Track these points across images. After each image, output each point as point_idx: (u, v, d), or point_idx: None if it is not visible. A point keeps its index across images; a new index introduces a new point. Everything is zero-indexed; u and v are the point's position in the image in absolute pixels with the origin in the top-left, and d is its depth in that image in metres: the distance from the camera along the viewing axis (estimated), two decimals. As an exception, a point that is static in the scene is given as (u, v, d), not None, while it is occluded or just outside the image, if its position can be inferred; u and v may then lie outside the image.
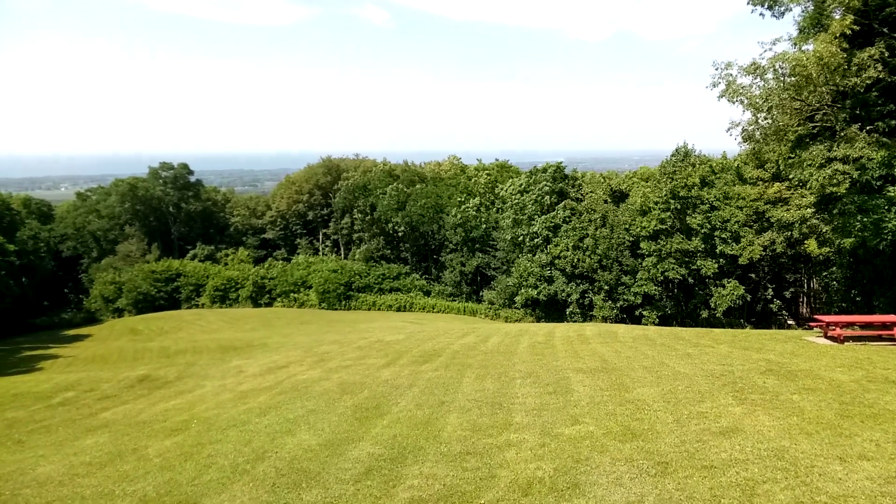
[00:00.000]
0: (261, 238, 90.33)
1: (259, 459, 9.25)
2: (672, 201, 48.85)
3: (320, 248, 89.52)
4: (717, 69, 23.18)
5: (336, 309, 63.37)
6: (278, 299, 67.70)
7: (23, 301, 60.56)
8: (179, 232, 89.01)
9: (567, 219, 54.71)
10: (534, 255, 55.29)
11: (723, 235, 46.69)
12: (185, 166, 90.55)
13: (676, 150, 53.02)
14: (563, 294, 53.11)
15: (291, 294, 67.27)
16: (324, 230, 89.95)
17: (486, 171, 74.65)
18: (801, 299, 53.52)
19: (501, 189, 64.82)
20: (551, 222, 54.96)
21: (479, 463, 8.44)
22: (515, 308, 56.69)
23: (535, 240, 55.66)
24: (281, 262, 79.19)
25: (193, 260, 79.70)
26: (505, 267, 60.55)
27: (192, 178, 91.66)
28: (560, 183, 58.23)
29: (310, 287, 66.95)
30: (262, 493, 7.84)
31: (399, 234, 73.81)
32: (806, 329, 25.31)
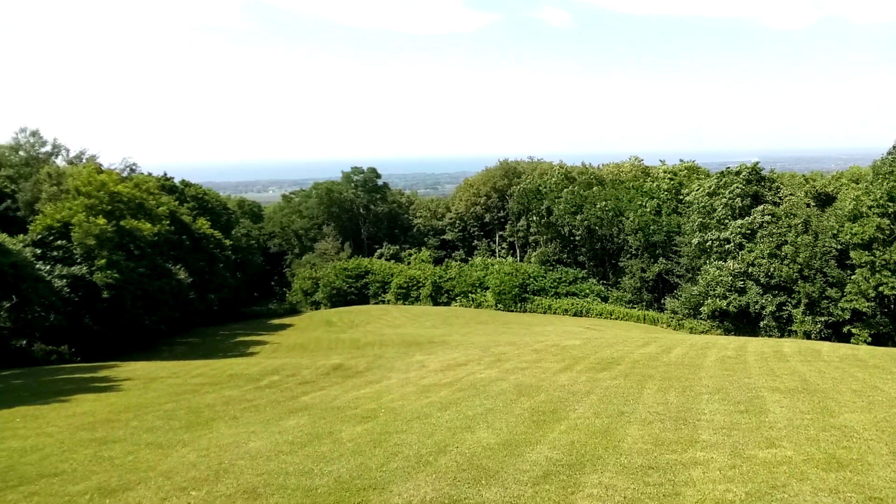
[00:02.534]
0: (441, 239, 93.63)
1: (441, 452, 9.65)
2: (890, 205, 43.14)
3: (497, 250, 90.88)
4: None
5: (511, 311, 64.02)
6: (456, 299, 69.84)
7: (237, 292, 68.46)
8: (368, 232, 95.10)
9: (763, 224, 50.45)
10: (724, 263, 51.70)
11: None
12: (373, 170, 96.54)
13: (894, 147, 46.79)
14: (756, 306, 49.09)
15: (469, 294, 69.06)
16: (500, 232, 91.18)
17: (672, 173, 71.18)
18: None
19: (687, 192, 61.44)
20: (747, 228, 50.99)
21: (661, 479, 8.13)
22: (701, 319, 53.44)
23: (727, 245, 52.01)
24: (459, 262, 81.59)
25: (380, 258, 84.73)
26: (690, 274, 57.29)
27: (380, 182, 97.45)
28: (755, 185, 53.88)
29: (486, 288, 68.29)
30: (444, 486, 8.17)
31: (576, 237, 72.78)
32: None
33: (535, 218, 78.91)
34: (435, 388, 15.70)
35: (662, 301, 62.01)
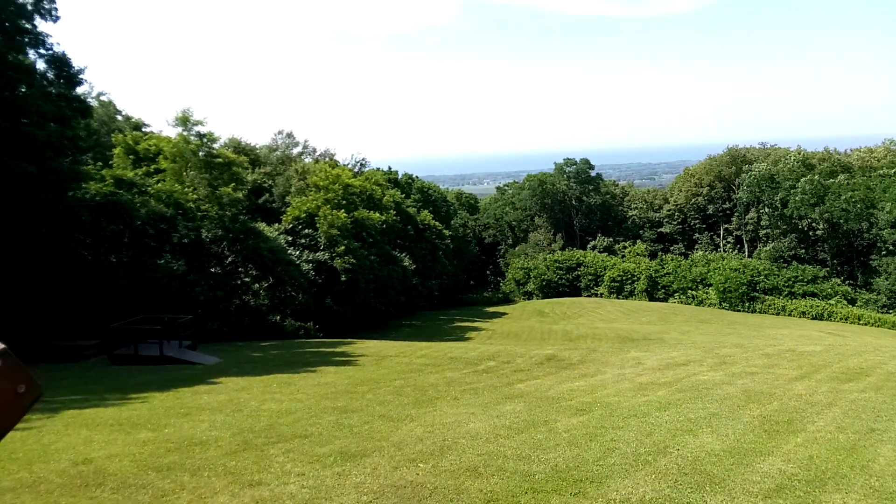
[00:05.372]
0: (657, 232, 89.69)
1: (660, 453, 9.37)
2: None
3: (721, 245, 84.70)
4: None
5: (738, 310, 59.30)
6: (675, 295, 66.43)
7: (455, 279, 71.99)
8: (581, 223, 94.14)
9: None
10: None
11: None
12: (586, 161, 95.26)
13: None
14: None
15: (689, 291, 65.31)
16: (725, 225, 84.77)
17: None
18: None
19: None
20: None
21: (924, 509, 7.14)
22: (978, 328, 45.07)
23: None
24: (677, 257, 77.55)
25: (593, 251, 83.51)
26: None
27: (593, 173, 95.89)
28: None
29: (709, 285, 64.00)
30: (665, 487, 7.95)
31: (816, 232, 65.13)
32: None
33: (766, 210, 72.04)
34: (652, 386, 15.21)
35: (927, 307, 53.34)
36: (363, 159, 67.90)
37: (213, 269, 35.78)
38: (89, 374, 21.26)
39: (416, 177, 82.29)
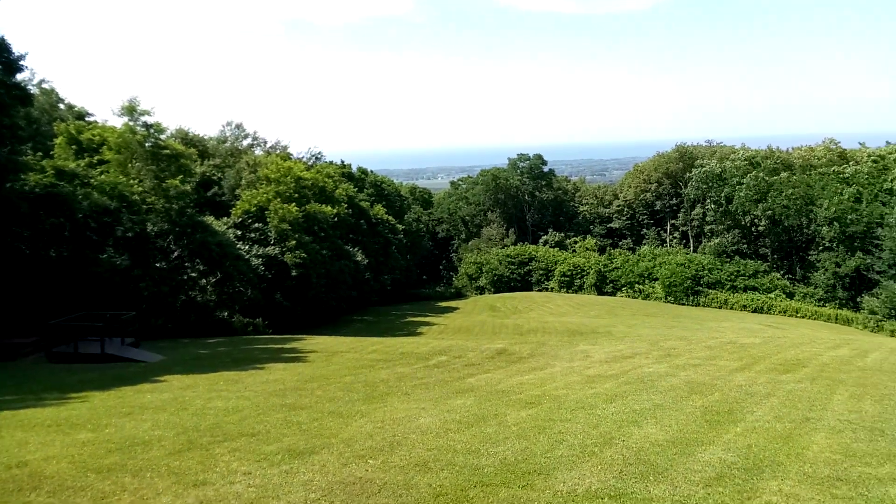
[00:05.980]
0: (607, 227, 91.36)
1: (606, 444, 9.57)
2: None
3: (667, 240, 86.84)
4: None
5: (682, 304, 61.00)
6: (622, 289, 67.84)
7: (408, 273, 71.88)
8: (533, 219, 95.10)
9: None
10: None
11: None
12: (539, 157, 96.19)
13: None
14: (978, 309, 42.60)
15: (636, 285, 66.79)
16: (672, 221, 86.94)
17: (877, 157, 63.36)
18: None
19: (891, 177, 54.49)
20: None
21: (851, 492, 7.47)
22: (906, 321, 47.39)
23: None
24: (626, 252, 79.17)
25: (545, 245, 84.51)
26: (893, 270, 50.93)
27: (546, 169, 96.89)
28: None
29: (655, 279, 65.60)
30: (610, 478, 8.12)
31: (758, 227, 67.37)
32: None
33: (712, 206, 74.19)
34: (600, 379, 15.52)
35: (859, 300, 55.77)
36: (319, 152, 67.17)
37: (158, 264, 34.82)
38: (26, 372, 20.47)
39: (371, 171, 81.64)
